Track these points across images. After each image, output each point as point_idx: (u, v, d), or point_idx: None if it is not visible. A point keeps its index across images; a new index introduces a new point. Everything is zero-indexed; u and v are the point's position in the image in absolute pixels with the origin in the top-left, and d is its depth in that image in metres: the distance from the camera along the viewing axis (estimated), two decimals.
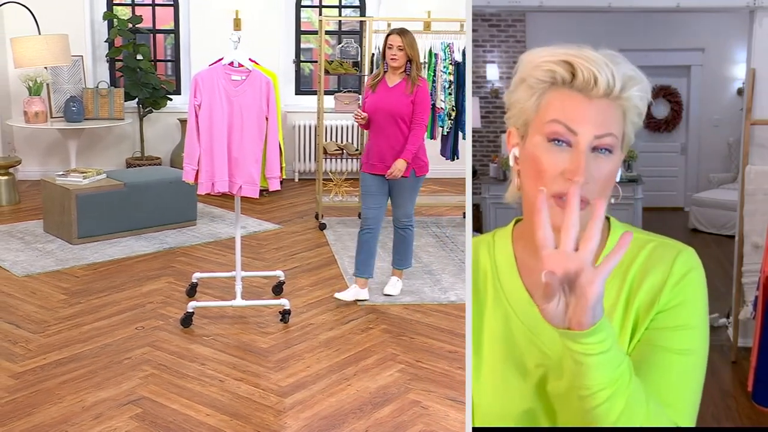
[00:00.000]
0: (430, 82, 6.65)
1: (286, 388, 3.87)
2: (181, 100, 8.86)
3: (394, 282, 5.20)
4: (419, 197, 7.78)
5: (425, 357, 4.26)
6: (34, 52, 7.32)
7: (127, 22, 8.39)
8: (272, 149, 4.49)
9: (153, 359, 4.16)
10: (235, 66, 4.43)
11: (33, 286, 5.29)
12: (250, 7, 8.75)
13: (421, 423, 3.55)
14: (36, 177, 8.37)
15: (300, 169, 8.99)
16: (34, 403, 3.66)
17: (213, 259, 5.98)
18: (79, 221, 6.23)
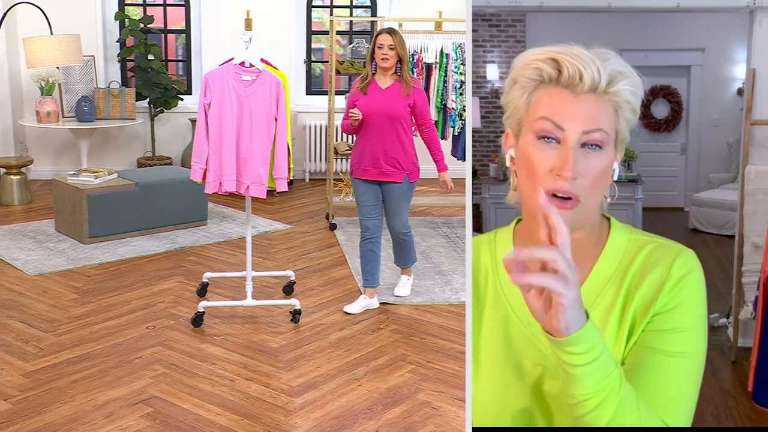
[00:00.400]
0: (441, 82, 6.65)
1: (296, 388, 3.87)
2: (193, 100, 8.88)
3: (404, 282, 5.15)
4: (430, 198, 7.80)
5: (436, 357, 4.25)
6: (46, 53, 7.35)
7: (138, 22, 8.41)
8: (281, 150, 4.49)
9: (164, 359, 4.17)
10: (246, 66, 4.44)
11: (44, 285, 5.31)
12: (261, 8, 8.76)
13: (431, 423, 3.55)
14: (48, 176, 8.41)
15: (311, 169, 8.99)
16: (45, 401, 3.67)
17: (224, 258, 5.99)
18: (91, 221, 6.25)
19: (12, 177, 7.55)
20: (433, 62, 6.65)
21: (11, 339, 4.38)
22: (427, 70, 6.63)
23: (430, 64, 6.65)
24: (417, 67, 6.58)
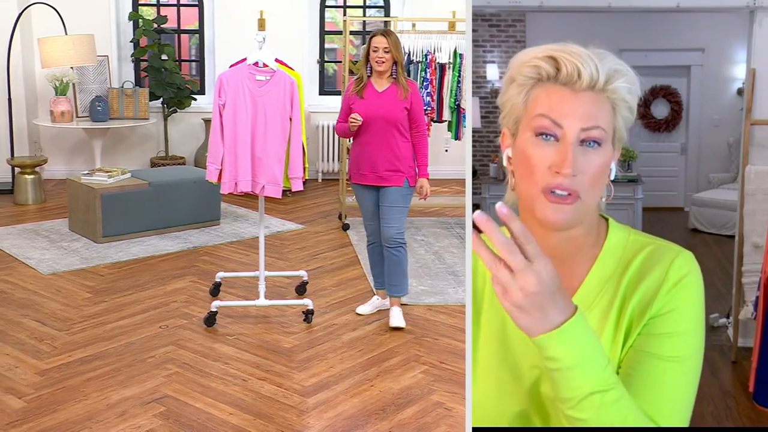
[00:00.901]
0: (455, 82, 6.63)
1: (309, 388, 3.87)
2: (206, 100, 8.90)
3: (397, 313, 4.66)
4: (443, 198, 7.78)
5: (449, 358, 4.24)
6: (60, 53, 7.39)
7: (152, 23, 8.44)
8: (295, 150, 4.49)
9: (177, 358, 4.18)
10: (260, 66, 4.44)
11: (58, 284, 5.32)
12: (274, 8, 8.77)
13: (444, 424, 3.54)
14: (62, 176, 8.44)
15: (323, 169, 8.99)
16: (59, 399, 3.68)
17: (236, 258, 6.00)
18: (104, 220, 6.27)
19: (26, 176, 7.58)
20: (446, 62, 6.63)
21: (25, 337, 4.40)
22: (440, 70, 6.62)
23: (444, 64, 6.63)
24: (430, 67, 6.57)
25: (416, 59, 6.62)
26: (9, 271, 5.55)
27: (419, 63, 6.58)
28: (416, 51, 6.65)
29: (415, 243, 6.37)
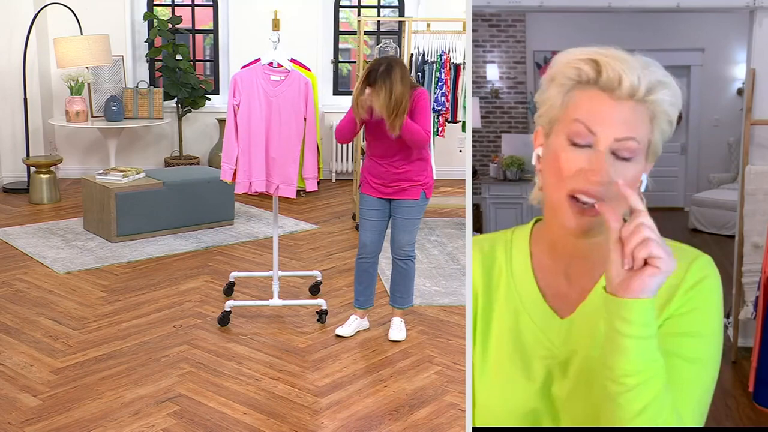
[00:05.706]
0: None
1: (322, 388, 3.86)
2: (220, 100, 8.93)
3: (398, 324, 4.52)
4: (456, 199, 7.76)
5: (463, 359, 4.22)
6: (76, 53, 7.43)
7: (166, 23, 8.46)
8: (310, 150, 4.49)
9: (190, 357, 4.18)
10: (275, 66, 4.44)
11: (73, 283, 5.34)
12: (288, 8, 8.78)
13: (458, 426, 3.52)
14: (76, 175, 8.49)
15: (337, 170, 8.99)
16: (74, 398, 3.69)
17: (250, 258, 6.00)
18: (119, 219, 6.29)
19: (41, 176, 7.62)
20: (461, 62, 6.62)
21: (40, 336, 4.42)
22: (455, 70, 6.60)
23: (458, 64, 6.62)
24: (445, 67, 6.55)
25: (431, 59, 6.61)
26: (24, 270, 5.58)
27: (434, 63, 6.57)
28: (431, 51, 6.64)
29: (429, 244, 6.36)
